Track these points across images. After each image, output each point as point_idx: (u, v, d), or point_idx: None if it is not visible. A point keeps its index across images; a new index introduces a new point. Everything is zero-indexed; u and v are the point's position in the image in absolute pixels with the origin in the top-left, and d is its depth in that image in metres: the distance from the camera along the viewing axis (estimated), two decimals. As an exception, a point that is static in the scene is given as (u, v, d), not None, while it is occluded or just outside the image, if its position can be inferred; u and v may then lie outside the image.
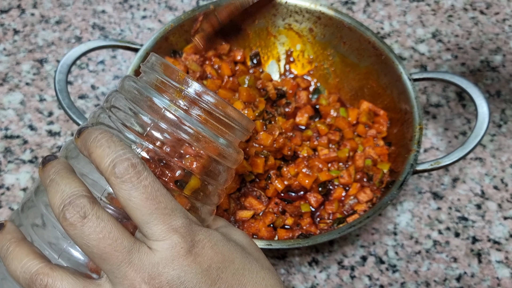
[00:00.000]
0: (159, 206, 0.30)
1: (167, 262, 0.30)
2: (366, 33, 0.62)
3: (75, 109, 0.55)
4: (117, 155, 0.30)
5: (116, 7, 0.78)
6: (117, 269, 0.29)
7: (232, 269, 0.32)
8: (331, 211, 0.58)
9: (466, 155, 0.55)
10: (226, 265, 0.32)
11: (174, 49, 0.63)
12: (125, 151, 0.30)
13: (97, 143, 0.31)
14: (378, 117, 0.63)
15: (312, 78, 0.68)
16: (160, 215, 0.30)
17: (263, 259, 0.36)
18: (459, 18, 0.78)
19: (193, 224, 0.31)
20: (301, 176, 0.58)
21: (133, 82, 0.35)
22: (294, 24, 0.67)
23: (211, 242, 0.32)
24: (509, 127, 0.69)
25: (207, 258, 0.31)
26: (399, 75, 0.60)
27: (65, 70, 0.57)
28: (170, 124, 0.33)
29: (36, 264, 0.30)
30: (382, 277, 0.57)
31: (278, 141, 0.57)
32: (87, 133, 0.32)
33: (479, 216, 0.62)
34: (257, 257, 0.35)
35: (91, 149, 0.31)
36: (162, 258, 0.30)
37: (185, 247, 0.30)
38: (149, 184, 0.30)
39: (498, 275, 0.58)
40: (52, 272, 0.30)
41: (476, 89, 0.57)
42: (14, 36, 0.75)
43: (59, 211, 0.30)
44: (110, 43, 0.60)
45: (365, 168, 0.59)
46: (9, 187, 0.62)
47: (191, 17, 0.63)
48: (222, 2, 0.63)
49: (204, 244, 0.31)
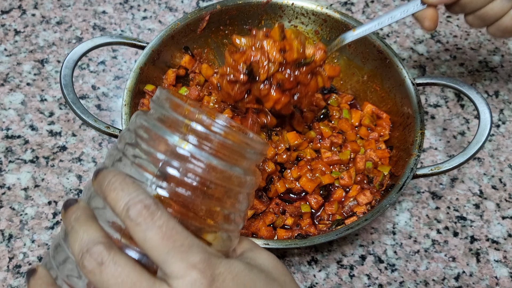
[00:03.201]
0: (175, 244, 0.30)
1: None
2: (371, 37, 0.62)
3: (79, 104, 0.56)
4: (130, 198, 0.31)
5: (116, 7, 0.78)
6: None
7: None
8: (331, 212, 0.58)
9: (467, 162, 0.55)
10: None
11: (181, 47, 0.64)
12: (138, 193, 0.31)
13: (111, 186, 0.32)
14: (381, 120, 0.63)
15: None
16: (177, 252, 0.30)
17: (290, 283, 0.36)
18: (457, 18, 0.79)
19: (212, 257, 0.31)
20: (304, 180, 0.58)
21: (144, 120, 0.35)
22: (300, 26, 0.67)
23: (232, 274, 0.32)
24: (507, 127, 0.69)
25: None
26: (402, 79, 0.60)
27: (71, 65, 0.57)
28: (182, 160, 0.33)
29: None
30: (381, 276, 0.58)
31: (281, 156, 0.58)
32: (102, 176, 0.33)
33: (478, 216, 0.62)
34: (282, 282, 0.35)
35: (105, 193, 0.32)
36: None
37: (205, 283, 0.30)
38: (163, 223, 0.30)
39: (496, 274, 0.58)
40: None
41: (479, 96, 0.57)
42: (15, 36, 0.75)
43: (79, 259, 0.31)
44: (117, 40, 0.61)
45: (365, 171, 0.59)
46: (10, 186, 0.62)
47: (198, 16, 0.63)
48: (228, 1, 0.64)
49: (225, 277, 0.31)
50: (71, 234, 0.32)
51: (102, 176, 0.33)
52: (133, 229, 0.30)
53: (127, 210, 0.30)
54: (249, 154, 0.36)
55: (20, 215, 0.60)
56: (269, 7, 0.65)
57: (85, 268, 0.30)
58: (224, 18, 0.65)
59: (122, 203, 0.31)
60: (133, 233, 0.30)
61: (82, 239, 0.31)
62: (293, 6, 0.65)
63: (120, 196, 0.31)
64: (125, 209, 0.30)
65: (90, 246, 0.30)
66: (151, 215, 0.30)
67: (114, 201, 0.31)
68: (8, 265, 0.57)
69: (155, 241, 0.30)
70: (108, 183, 0.32)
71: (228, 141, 0.34)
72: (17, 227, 0.60)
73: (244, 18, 0.66)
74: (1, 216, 0.60)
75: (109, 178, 0.32)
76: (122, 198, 0.31)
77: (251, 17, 0.66)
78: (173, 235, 0.30)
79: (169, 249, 0.30)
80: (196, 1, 0.80)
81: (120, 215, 0.31)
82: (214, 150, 0.34)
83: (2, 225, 0.60)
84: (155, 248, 0.30)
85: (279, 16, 0.66)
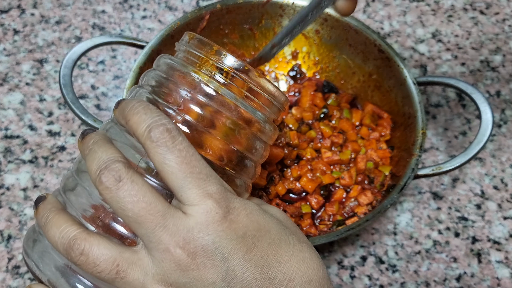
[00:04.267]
0: (194, 170, 0.30)
1: (201, 227, 0.30)
2: (372, 36, 0.62)
3: (78, 104, 0.55)
4: (153, 121, 0.30)
5: (116, 7, 0.78)
6: (152, 233, 0.29)
7: (268, 239, 0.32)
8: (332, 213, 0.58)
9: (468, 162, 0.55)
10: (262, 234, 0.31)
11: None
12: (161, 117, 0.31)
13: (134, 111, 0.31)
14: (382, 120, 0.63)
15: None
16: (194, 179, 0.30)
17: (300, 234, 0.35)
18: (459, 18, 0.78)
19: (228, 192, 0.31)
20: (305, 180, 0.58)
21: (169, 59, 0.36)
22: None
23: (247, 211, 0.31)
24: (509, 127, 0.69)
25: (243, 225, 0.31)
26: (404, 79, 0.60)
27: (70, 65, 0.57)
28: (207, 97, 0.33)
29: (73, 230, 0.31)
30: (382, 277, 0.58)
31: (283, 150, 0.58)
32: (125, 103, 0.33)
33: (479, 216, 0.62)
34: (294, 231, 0.35)
35: (128, 116, 0.32)
36: (197, 223, 0.30)
37: (220, 213, 0.30)
38: (184, 148, 0.30)
39: (498, 275, 0.58)
40: (90, 237, 0.31)
41: (481, 95, 0.57)
42: (14, 36, 0.75)
43: (96, 176, 0.30)
44: (116, 40, 0.60)
45: (366, 171, 0.59)
46: (9, 187, 0.62)
47: (197, 15, 0.63)
48: (228, 1, 0.64)
49: (240, 211, 0.31)
50: (89, 155, 0.32)
51: (125, 103, 0.33)
52: (153, 150, 0.30)
53: (149, 131, 0.30)
54: (272, 102, 0.36)
55: (19, 215, 0.60)
56: (269, 6, 0.65)
57: (102, 184, 0.30)
58: (224, 17, 0.65)
59: (144, 125, 0.30)
60: (152, 155, 0.30)
61: (101, 158, 0.31)
62: (294, 6, 0.65)
63: (142, 119, 0.31)
64: (146, 131, 0.30)
65: (110, 163, 0.30)
66: (172, 138, 0.30)
67: (136, 124, 0.31)
68: (7, 266, 0.57)
69: (174, 164, 0.30)
70: (131, 108, 0.32)
71: (254, 84, 0.34)
72: (16, 228, 0.59)
73: (244, 17, 0.66)
74: (0, 216, 0.60)
75: (132, 104, 0.32)
76: (144, 121, 0.31)
77: (252, 16, 0.66)
78: (192, 161, 0.30)
79: (187, 174, 0.30)
80: (196, 1, 0.79)
81: (141, 138, 0.31)
82: (239, 92, 0.34)
83: (1, 225, 0.59)
84: (173, 173, 0.30)
85: (280, 15, 0.66)
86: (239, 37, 0.67)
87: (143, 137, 0.30)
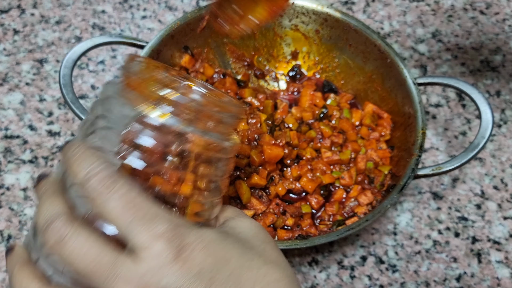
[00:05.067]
0: (138, 213, 0.29)
1: (154, 271, 0.29)
2: (372, 36, 0.62)
3: (78, 104, 0.55)
4: (90, 169, 0.29)
5: (116, 7, 0.78)
6: (105, 285, 0.29)
7: (228, 270, 0.30)
8: (332, 213, 0.58)
9: (468, 162, 0.55)
10: (220, 266, 0.30)
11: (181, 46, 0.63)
12: (99, 163, 0.30)
13: (73, 158, 0.31)
14: (382, 120, 0.63)
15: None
16: (141, 222, 0.29)
17: (270, 251, 0.34)
18: (459, 18, 0.78)
19: (181, 227, 0.30)
20: (305, 180, 0.58)
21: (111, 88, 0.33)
22: (301, 25, 0.66)
23: (203, 243, 0.30)
24: (509, 127, 0.69)
25: (198, 262, 0.30)
26: (403, 79, 0.60)
27: (70, 64, 0.57)
28: (151, 128, 0.31)
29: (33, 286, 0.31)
30: (382, 277, 0.58)
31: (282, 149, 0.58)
32: (66, 148, 0.32)
33: (479, 216, 0.62)
34: (261, 250, 0.33)
35: (67, 165, 0.31)
36: (149, 267, 0.29)
37: (172, 253, 0.29)
38: (125, 192, 0.29)
39: (498, 275, 0.58)
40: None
41: (481, 95, 0.57)
42: (14, 36, 0.75)
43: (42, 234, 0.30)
44: (116, 40, 0.60)
45: (366, 171, 0.59)
46: (9, 187, 0.62)
47: (197, 15, 0.63)
48: None
49: (194, 247, 0.30)
50: (38, 208, 0.31)
51: (67, 148, 0.32)
52: (94, 200, 0.29)
53: (87, 181, 0.29)
54: (225, 118, 0.33)
55: (19, 215, 0.60)
56: (269, 6, 0.65)
57: (47, 242, 0.29)
58: (224, 17, 0.65)
59: (82, 174, 0.30)
60: (95, 205, 0.29)
61: (46, 213, 0.30)
62: (294, 5, 0.65)
63: (81, 167, 0.30)
64: (85, 180, 0.29)
65: (53, 219, 0.29)
66: (112, 185, 0.29)
67: (74, 173, 0.30)
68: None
69: (116, 211, 0.29)
70: (70, 155, 0.31)
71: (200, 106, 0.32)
72: (16, 228, 0.59)
73: (244, 17, 0.66)
74: (0, 216, 0.60)
75: (72, 150, 0.31)
76: (82, 169, 0.30)
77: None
78: (136, 204, 0.29)
79: (131, 219, 0.29)
80: (196, 0, 0.79)
81: (81, 189, 0.30)
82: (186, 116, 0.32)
83: (1, 225, 0.59)
84: (118, 219, 0.29)
85: (279, 15, 0.66)
86: (239, 37, 0.67)
87: (82, 188, 0.30)
